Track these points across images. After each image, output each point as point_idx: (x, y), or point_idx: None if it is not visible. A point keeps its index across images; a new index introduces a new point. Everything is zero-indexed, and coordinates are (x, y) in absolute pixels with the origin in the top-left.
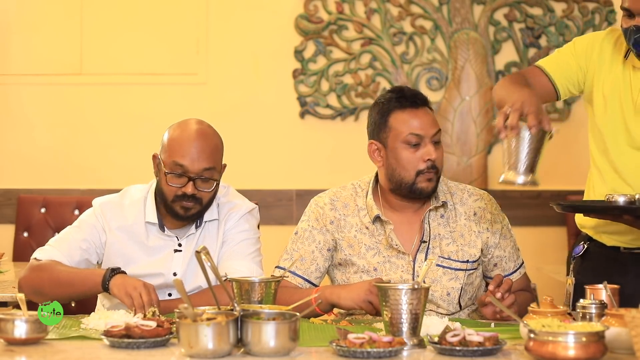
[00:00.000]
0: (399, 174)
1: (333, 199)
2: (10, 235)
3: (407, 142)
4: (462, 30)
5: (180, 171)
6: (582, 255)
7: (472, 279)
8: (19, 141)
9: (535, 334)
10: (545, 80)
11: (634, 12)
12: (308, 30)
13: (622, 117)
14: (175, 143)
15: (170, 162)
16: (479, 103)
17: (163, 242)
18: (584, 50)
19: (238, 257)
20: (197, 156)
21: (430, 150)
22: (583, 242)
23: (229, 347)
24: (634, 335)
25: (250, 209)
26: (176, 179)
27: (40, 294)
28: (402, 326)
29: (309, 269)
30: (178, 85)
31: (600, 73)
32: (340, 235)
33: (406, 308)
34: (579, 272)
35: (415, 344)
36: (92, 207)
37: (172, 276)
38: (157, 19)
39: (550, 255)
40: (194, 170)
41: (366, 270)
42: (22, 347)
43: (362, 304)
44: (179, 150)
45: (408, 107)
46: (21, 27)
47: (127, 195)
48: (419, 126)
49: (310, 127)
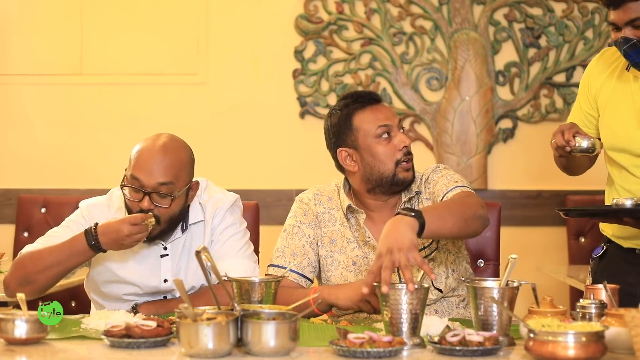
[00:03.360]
0: (378, 170)
1: (316, 193)
2: (10, 235)
3: (379, 135)
4: (462, 30)
5: (137, 185)
6: (600, 256)
7: (437, 261)
8: (19, 141)
9: (535, 333)
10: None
11: (618, 24)
12: (308, 30)
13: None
14: (136, 157)
15: (129, 176)
16: (479, 103)
17: (149, 249)
18: (586, 87)
19: (228, 256)
20: (154, 170)
21: (403, 137)
22: (603, 244)
23: (229, 347)
24: (634, 335)
25: (233, 201)
26: (134, 193)
27: (29, 282)
28: (402, 326)
29: (302, 264)
30: (178, 85)
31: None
32: (323, 230)
33: (406, 308)
34: (596, 272)
35: (415, 343)
36: (79, 209)
37: (162, 283)
38: (157, 19)
39: (550, 255)
40: (149, 184)
41: (345, 266)
42: (22, 347)
43: (359, 304)
44: (137, 164)
45: (368, 105)
46: (21, 27)
47: (113, 198)
48: (384, 117)
49: (310, 127)
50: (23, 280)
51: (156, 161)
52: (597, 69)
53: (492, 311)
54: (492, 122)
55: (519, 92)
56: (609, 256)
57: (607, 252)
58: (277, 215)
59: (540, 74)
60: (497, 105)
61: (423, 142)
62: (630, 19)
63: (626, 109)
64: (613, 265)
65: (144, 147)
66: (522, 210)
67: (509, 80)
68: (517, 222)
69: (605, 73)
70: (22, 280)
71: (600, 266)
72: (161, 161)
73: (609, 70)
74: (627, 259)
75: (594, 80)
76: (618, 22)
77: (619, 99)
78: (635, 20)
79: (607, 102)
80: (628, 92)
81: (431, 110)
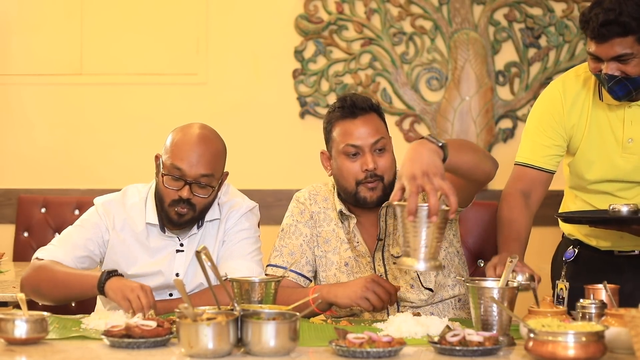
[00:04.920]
0: (342, 185)
1: (313, 193)
2: (10, 235)
3: (346, 153)
4: (462, 30)
5: (178, 174)
6: (573, 260)
7: None
8: (19, 141)
9: (535, 333)
10: (536, 173)
11: (600, 57)
12: (308, 30)
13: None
14: (175, 146)
15: (169, 165)
16: (479, 103)
17: (164, 243)
18: (556, 121)
19: (237, 257)
20: (196, 161)
21: (368, 160)
22: (573, 247)
23: (229, 347)
24: (634, 335)
25: (251, 207)
26: (173, 181)
27: (39, 294)
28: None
29: (300, 263)
30: (178, 85)
31: (579, 127)
32: (318, 230)
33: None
34: (572, 276)
35: (433, 266)
36: (94, 206)
37: (174, 276)
38: (157, 19)
39: (549, 255)
40: (191, 174)
41: (338, 267)
42: (22, 347)
43: (358, 301)
44: (179, 154)
45: (347, 117)
46: (21, 27)
47: (128, 194)
48: (356, 136)
49: (310, 127)
50: (36, 290)
51: (199, 152)
52: (567, 102)
53: (492, 311)
54: (492, 122)
55: (519, 92)
56: (584, 259)
57: (580, 254)
58: (277, 215)
59: (540, 74)
60: (497, 105)
61: None
62: (616, 54)
63: (607, 139)
64: (590, 266)
65: (184, 137)
66: None
67: (509, 80)
68: None
69: (577, 106)
70: (35, 289)
71: (576, 269)
72: (204, 153)
73: (580, 102)
74: (605, 260)
75: (567, 114)
76: (602, 56)
77: (597, 130)
78: (621, 57)
79: (584, 136)
80: (605, 123)
81: (431, 110)
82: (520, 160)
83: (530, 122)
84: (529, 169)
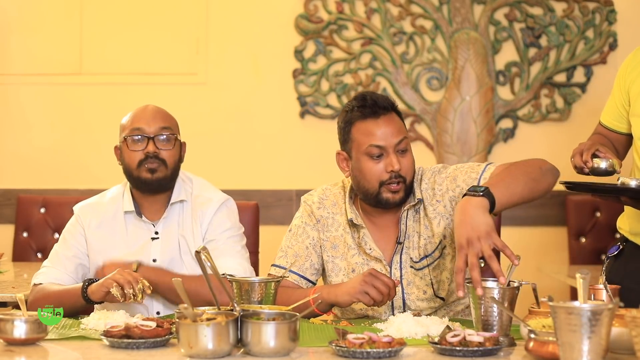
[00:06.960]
0: (363, 186)
1: (322, 197)
2: (10, 235)
3: (369, 154)
4: (462, 30)
5: (139, 133)
6: (616, 255)
7: (440, 268)
8: (18, 141)
9: (536, 334)
10: (611, 134)
11: None
12: (308, 30)
13: None
14: (130, 117)
15: (129, 130)
16: (479, 103)
17: (141, 231)
18: (621, 79)
19: (227, 254)
20: (152, 117)
21: (393, 161)
22: (619, 243)
23: (228, 347)
24: (634, 335)
25: (223, 200)
26: (136, 143)
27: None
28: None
29: (304, 265)
30: (178, 85)
31: (634, 85)
32: (325, 235)
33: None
34: (610, 271)
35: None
36: (73, 215)
37: (151, 262)
38: (157, 19)
39: (550, 255)
40: (150, 129)
41: (346, 273)
42: (22, 347)
43: (358, 296)
44: (135, 119)
45: (369, 117)
46: (21, 27)
47: (107, 193)
48: (380, 137)
49: (310, 127)
50: None
51: (153, 111)
52: (632, 63)
53: (493, 311)
54: (492, 122)
55: (519, 92)
56: (626, 256)
57: (623, 251)
58: (277, 216)
59: (541, 74)
60: (498, 105)
61: (423, 142)
62: None
63: None
64: (630, 265)
65: (135, 110)
66: (522, 210)
67: (509, 80)
68: (517, 222)
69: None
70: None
71: (615, 265)
72: (158, 110)
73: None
74: None
75: (628, 73)
76: None
77: None
78: None
79: (638, 94)
80: None
81: (431, 110)
82: (601, 121)
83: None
84: (602, 129)
